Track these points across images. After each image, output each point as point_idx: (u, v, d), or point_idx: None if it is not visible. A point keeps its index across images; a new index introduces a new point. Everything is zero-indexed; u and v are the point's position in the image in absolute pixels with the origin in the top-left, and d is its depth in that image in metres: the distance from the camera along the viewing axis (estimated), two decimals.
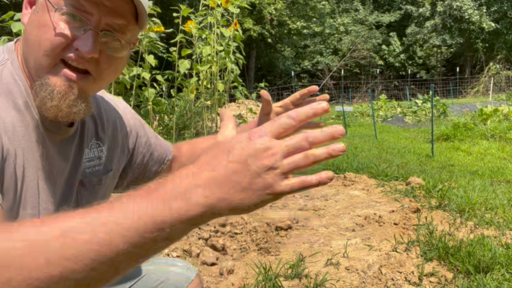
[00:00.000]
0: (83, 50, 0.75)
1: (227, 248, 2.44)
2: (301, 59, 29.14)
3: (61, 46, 0.75)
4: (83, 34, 0.76)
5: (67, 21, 0.75)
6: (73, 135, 0.89)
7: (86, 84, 0.80)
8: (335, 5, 29.98)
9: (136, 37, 0.86)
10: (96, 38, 0.77)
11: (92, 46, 0.76)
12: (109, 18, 0.77)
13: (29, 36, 0.77)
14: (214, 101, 5.85)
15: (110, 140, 1.00)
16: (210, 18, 5.49)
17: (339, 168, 4.66)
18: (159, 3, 8.12)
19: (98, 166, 0.97)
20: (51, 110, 0.76)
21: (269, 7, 21.56)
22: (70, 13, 0.75)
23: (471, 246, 2.31)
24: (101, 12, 0.76)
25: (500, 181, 4.26)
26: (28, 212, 0.79)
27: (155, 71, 5.17)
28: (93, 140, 0.96)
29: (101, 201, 0.98)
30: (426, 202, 3.30)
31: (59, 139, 0.85)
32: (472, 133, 7.84)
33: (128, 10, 0.79)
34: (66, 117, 0.78)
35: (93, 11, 0.76)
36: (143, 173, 1.11)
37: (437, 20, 26.93)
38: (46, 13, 0.76)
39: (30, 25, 0.78)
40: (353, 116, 12.55)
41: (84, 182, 0.93)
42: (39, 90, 0.76)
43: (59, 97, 0.76)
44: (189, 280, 1.11)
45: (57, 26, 0.75)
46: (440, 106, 11.52)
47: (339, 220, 3.01)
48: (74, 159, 0.90)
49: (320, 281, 2.05)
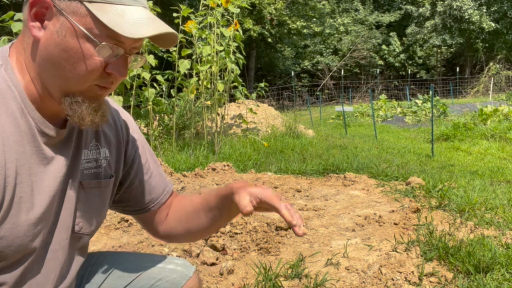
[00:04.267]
0: (118, 76, 0.81)
1: (227, 248, 2.44)
2: (301, 59, 29.12)
3: (97, 74, 0.80)
4: (116, 60, 0.80)
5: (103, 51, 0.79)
6: (69, 136, 0.89)
7: (108, 94, 0.88)
8: (335, 5, 29.96)
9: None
10: (128, 62, 0.83)
11: (126, 71, 0.82)
12: (137, 43, 0.83)
13: (54, 58, 0.78)
14: (214, 101, 5.85)
15: (112, 144, 1.00)
16: (210, 18, 5.49)
17: (339, 168, 4.66)
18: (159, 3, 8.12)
19: (95, 169, 0.96)
20: (89, 123, 0.82)
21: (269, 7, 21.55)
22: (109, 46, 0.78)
23: (471, 246, 2.31)
24: (132, 40, 0.80)
25: (500, 181, 4.26)
26: (23, 218, 0.79)
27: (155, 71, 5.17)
28: (93, 141, 0.96)
29: (99, 207, 0.98)
30: (426, 202, 3.30)
31: (55, 141, 0.85)
32: (472, 133, 7.84)
33: None
34: (97, 126, 0.85)
35: (125, 41, 0.79)
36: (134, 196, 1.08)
37: (437, 20, 26.91)
38: (75, 39, 0.77)
39: (54, 47, 0.78)
40: (353, 116, 12.54)
41: (83, 184, 0.94)
42: (75, 107, 0.81)
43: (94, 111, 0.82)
44: (187, 277, 1.11)
45: (94, 55, 0.78)
46: (440, 106, 11.52)
47: (339, 220, 3.01)
48: (72, 160, 0.90)
49: (320, 281, 2.05)
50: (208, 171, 4.40)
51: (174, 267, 1.11)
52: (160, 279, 1.09)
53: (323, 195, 3.69)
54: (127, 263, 1.10)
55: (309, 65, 28.91)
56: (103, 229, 2.78)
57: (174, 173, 4.17)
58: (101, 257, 1.10)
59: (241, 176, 4.28)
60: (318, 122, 11.69)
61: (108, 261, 1.10)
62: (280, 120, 8.05)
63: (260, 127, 7.45)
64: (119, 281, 1.07)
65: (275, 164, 4.96)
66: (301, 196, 3.69)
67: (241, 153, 5.48)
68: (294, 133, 7.48)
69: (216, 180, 4.11)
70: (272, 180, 4.18)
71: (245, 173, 4.48)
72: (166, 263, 1.12)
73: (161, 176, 1.11)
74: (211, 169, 4.45)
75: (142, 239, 2.60)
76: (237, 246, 2.46)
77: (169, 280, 1.09)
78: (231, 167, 4.54)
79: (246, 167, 4.81)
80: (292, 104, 20.53)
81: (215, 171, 4.43)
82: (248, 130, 7.01)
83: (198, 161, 4.91)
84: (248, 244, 2.49)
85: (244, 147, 5.92)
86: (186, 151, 5.32)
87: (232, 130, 7.08)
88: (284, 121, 8.02)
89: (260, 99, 11.84)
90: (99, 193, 0.98)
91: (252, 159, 5.18)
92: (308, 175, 4.50)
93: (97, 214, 0.98)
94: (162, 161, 4.36)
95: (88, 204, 0.95)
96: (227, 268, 2.19)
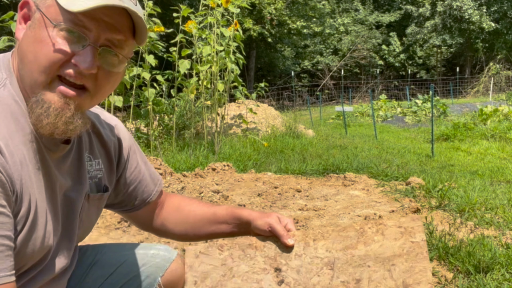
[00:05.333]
0: (82, 66, 0.74)
1: None
2: (301, 59, 29.12)
3: (59, 63, 0.74)
4: (82, 50, 0.75)
5: (66, 37, 0.74)
6: (69, 150, 0.89)
7: (83, 100, 0.78)
8: (335, 5, 29.96)
9: (132, 51, 0.86)
10: (95, 54, 0.76)
11: (92, 62, 0.75)
12: (109, 34, 0.77)
13: (25, 53, 0.76)
14: (214, 101, 5.85)
15: (103, 156, 1.00)
16: (210, 18, 5.49)
17: (339, 168, 4.66)
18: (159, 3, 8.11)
19: (95, 179, 0.97)
20: (47, 127, 0.75)
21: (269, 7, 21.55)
22: (69, 29, 0.74)
23: (471, 246, 2.31)
24: (100, 27, 0.75)
25: (500, 181, 4.26)
26: (38, 235, 0.78)
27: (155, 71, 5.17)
28: (87, 153, 0.95)
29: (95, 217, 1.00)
30: (426, 202, 3.30)
31: (57, 156, 0.85)
32: (472, 133, 7.84)
33: (126, 26, 0.79)
34: (62, 134, 0.77)
35: (92, 27, 0.75)
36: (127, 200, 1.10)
37: (437, 20, 26.91)
38: (44, 29, 0.74)
39: (25, 41, 0.76)
40: (353, 116, 12.55)
41: (90, 196, 0.94)
42: (34, 107, 0.75)
43: (55, 114, 0.74)
44: (170, 260, 1.12)
45: (56, 42, 0.73)
46: (440, 106, 11.52)
47: (339, 220, 3.01)
48: (76, 173, 0.90)
49: None
50: (208, 171, 4.40)
51: (157, 252, 1.13)
52: (143, 264, 1.09)
53: (323, 195, 3.69)
54: (110, 253, 1.11)
55: (309, 65, 28.91)
56: (103, 229, 2.78)
57: (174, 173, 4.17)
58: (82, 250, 1.10)
59: (241, 176, 4.28)
60: (318, 122, 11.69)
61: (90, 253, 1.10)
62: (280, 120, 8.05)
63: (260, 127, 7.45)
64: (103, 271, 1.07)
65: (275, 164, 4.96)
66: (301, 196, 3.69)
67: (241, 153, 5.48)
68: (294, 133, 7.48)
69: (216, 180, 4.11)
70: (272, 180, 4.18)
71: (245, 173, 4.48)
72: (148, 248, 1.14)
73: (151, 175, 1.12)
74: (211, 169, 4.45)
75: (142, 239, 2.60)
76: None
77: (152, 264, 1.10)
78: (231, 167, 4.54)
79: (246, 167, 4.81)
80: (292, 104, 20.54)
81: (215, 171, 4.43)
82: (248, 130, 7.01)
83: (198, 161, 4.91)
84: None
85: (244, 147, 5.92)
86: (186, 151, 5.32)
87: (232, 130, 7.09)
88: (284, 121, 8.02)
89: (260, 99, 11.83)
90: (98, 205, 0.99)
91: (252, 159, 5.18)
92: (308, 175, 4.50)
93: (92, 224, 1.00)
94: (162, 161, 4.36)
95: (88, 215, 0.97)
96: None
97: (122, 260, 1.09)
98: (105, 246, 1.15)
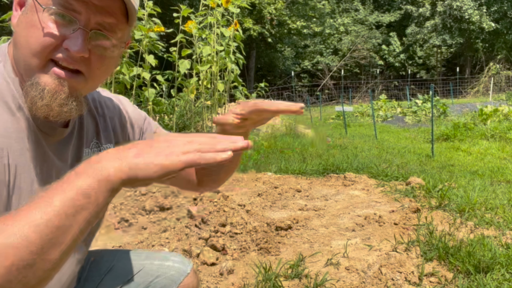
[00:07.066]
0: (72, 50, 0.74)
1: (227, 248, 2.44)
2: (301, 59, 29.13)
3: (50, 47, 0.74)
4: (72, 34, 0.74)
5: (56, 21, 0.74)
6: (69, 135, 0.88)
7: (77, 83, 0.78)
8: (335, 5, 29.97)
9: (128, 36, 0.85)
10: (85, 37, 0.75)
11: (82, 45, 0.74)
12: (99, 17, 0.76)
13: (18, 38, 0.76)
14: (214, 101, 5.85)
15: (113, 138, 1.00)
16: (210, 18, 5.49)
17: (339, 168, 4.66)
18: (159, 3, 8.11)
19: None
20: (41, 109, 0.75)
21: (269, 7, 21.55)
22: (58, 12, 0.74)
23: (471, 246, 2.31)
24: (90, 10, 0.75)
25: (500, 181, 4.26)
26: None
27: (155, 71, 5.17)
28: (94, 139, 0.95)
29: None
30: (426, 202, 3.30)
31: (54, 140, 0.84)
32: (472, 133, 7.84)
33: (118, 9, 0.78)
34: (57, 117, 0.77)
35: (82, 10, 0.74)
36: None
37: (437, 20, 26.92)
38: (35, 13, 0.74)
39: (19, 27, 0.77)
40: (353, 116, 12.55)
41: None
42: (29, 90, 0.75)
43: (49, 96, 0.75)
44: (185, 273, 1.12)
45: (46, 26, 0.73)
46: (440, 106, 11.52)
47: (339, 220, 3.01)
48: (72, 159, 0.89)
49: (320, 281, 2.05)
50: None
51: (172, 264, 1.12)
52: (158, 275, 1.09)
53: (323, 195, 3.69)
54: (125, 261, 1.11)
55: (309, 65, 28.91)
56: (103, 229, 2.78)
57: None
58: (99, 255, 1.10)
59: (241, 176, 4.28)
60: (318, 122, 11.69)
61: (107, 259, 1.10)
62: (280, 120, 8.06)
63: (260, 127, 7.45)
64: (117, 279, 1.07)
65: (275, 164, 4.96)
66: (301, 196, 3.69)
67: None
68: (294, 133, 7.48)
69: None
70: (272, 180, 4.18)
71: (245, 173, 4.48)
72: (164, 259, 1.13)
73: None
74: None
75: (142, 239, 2.60)
76: (237, 246, 2.46)
77: (167, 276, 1.10)
78: None
79: (246, 167, 4.81)
80: None
81: None
82: None
83: None
84: (248, 244, 2.49)
85: None
86: None
87: None
88: (284, 121, 8.02)
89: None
90: None
91: (252, 159, 5.18)
92: (308, 175, 4.50)
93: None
94: None
95: None
96: (227, 268, 2.19)
97: (137, 270, 1.09)
98: (122, 252, 1.15)
